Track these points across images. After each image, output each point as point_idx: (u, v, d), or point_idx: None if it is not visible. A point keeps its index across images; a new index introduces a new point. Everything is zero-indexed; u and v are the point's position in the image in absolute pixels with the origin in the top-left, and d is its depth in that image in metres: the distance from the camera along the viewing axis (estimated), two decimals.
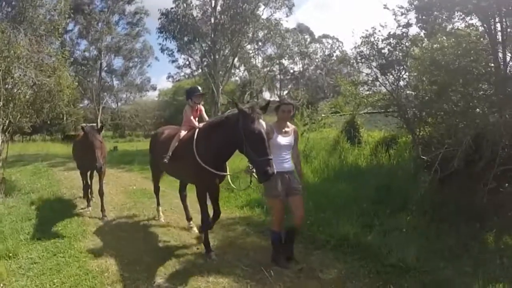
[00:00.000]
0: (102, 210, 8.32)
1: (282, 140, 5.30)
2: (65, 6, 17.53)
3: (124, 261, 5.66)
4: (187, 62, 34.22)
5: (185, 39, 29.21)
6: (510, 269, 4.86)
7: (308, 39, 55.38)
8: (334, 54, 55.93)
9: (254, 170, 5.01)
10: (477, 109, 7.77)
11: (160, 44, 32.25)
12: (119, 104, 55.47)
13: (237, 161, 7.90)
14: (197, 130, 6.13)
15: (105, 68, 46.73)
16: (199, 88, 7.29)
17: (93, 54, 44.27)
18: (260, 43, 34.01)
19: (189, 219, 7.44)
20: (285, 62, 44.37)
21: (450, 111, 8.08)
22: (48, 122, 14.09)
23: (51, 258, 5.78)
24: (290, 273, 4.87)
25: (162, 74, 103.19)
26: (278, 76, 53.62)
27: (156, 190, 8.31)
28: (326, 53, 57.37)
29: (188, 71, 37.92)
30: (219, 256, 5.72)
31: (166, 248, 6.27)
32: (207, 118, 6.89)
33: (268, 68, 38.91)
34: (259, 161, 4.76)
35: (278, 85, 56.48)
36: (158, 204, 8.23)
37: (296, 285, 4.69)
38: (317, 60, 56.22)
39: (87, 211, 8.72)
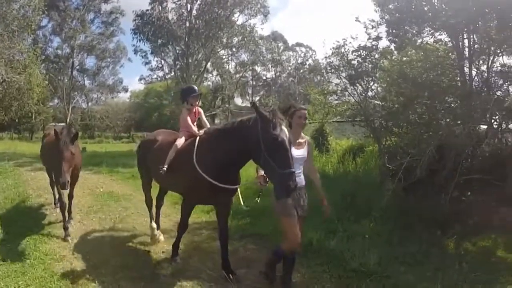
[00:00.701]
0: (69, 211, 7.61)
1: (296, 152, 4.61)
2: (40, 3, 17.13)
3: (90, 264, 5.62)
4: (160, 65, 34.06)
5: (159, 41, 29.06)
6: (469, 273, 5.04)
7: (282, 47, 55.92)
8: (307, 63, 56.72)
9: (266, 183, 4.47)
10: (441, 121, 8.03)
11: (134, 45, 32.02)
12: (89, 104, 54.46)
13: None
14: (197, 138, 5.42)
15: (77, 67, 45.79)
16: (195, 87, 6.33)
17: (65, 52, 43.38)
18: (234, 49, 34.07)
19: (158, 227, 6.98)
20: (258, 68, 44.70)
21: (415, 122, 8.34)
22: (16, 120, 13.78)
23: (16, 260, 5.64)
24: (253, 277, 4.92)
25: (135, 76, 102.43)
26: (251, 82, 53.86)
27: (149, 202, 7.13)
28: (299, 61, 58.03)
29: (160, 73, 37.71)
30: (185, 260, 5.73)
31: (132, 252, 6.24)
32: (207, 123, 6.12)
33: (241, 74, 39.06)
34: (281, 174, 4.10)
35: (250, 91, 56.74)
36: (152, 219, 6.94)
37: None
38: (289, 67, 56.80)
39: (67, 239, 6.93)
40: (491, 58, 9.55)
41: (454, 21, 8.65)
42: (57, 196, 8.36)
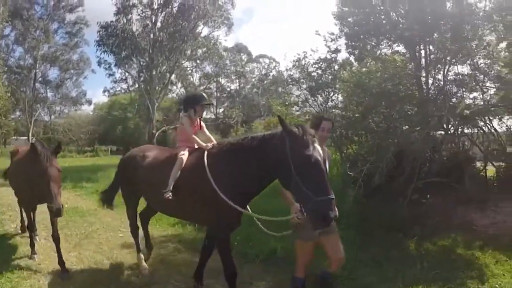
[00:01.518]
0: (61, 263, 5.84)
1: None
2: (4, 12, 16.71)
3: (57, 280, 5.56)
4: (124, 77, 33.79)
5: (123, 53, 28.83)
6: (429, 271, 5.30)
7: (246, 59, 56.35)
8: (271, 74, 57.12)
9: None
10: (399, 128, 8.37)
11: (98, 57, 31.60)
12: (52, 117, 53.21)
13: None
14: (205, 152, 4.60)
15: (40, 79, 45.05)
16: (205, 95, 5.47)
17: (28, 62, 42.80)
18: (198, 61, 34.15)
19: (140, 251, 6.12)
20: (222, 80, 44.82)
21: (374, 130, 8.65)
22: None
23: None
24: (221, 287, 4.97)
25: (98, 88, 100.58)
26: (215, 93, 53.91)
27: (135, 230, 6.21)
28: (263, 72, 58.43)
29: (124, 85, 37.38)
30: (151, 273, 5.74)
31: (99, 266, 6.19)
32: (211, 137, 5.22)
33: (205, 86, 39.10)
34: (318, 202, 3.49)
35: (214, 102, 56.80)
36: (139, 250, 6.10)
37: None
38: (253, 79, 57.21)
39: (33, 258, 6.48)
40: (447, 67, 10.05)
41: (409, 33, 9.07)
42: (25, 222, 7.33)
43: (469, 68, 9.64)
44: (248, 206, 4.60)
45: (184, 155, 4.85)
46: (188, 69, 37.27)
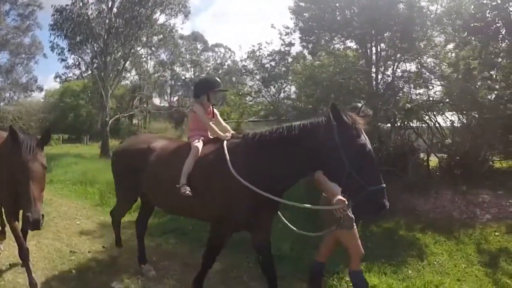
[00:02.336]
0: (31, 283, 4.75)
1: None
2: None
3: (18, 268, 5.55)
4: (77, 63, 32.77)
5: (77, 38, 28.04)
6: (374, 250, 5.79)
7: (201, 47, 55.96)
8: (226, 63, 56.96)
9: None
10: None
11: (51, 41, 30.46)
12: (1, 104, 50.89)
13: None
14: (224, 143, 4.26)
15: None
16: (218, 80, 5.01)
17: None
18: (153, 48, 33.66)
19: (144, 261, 5.58)
20: (177, 68, 44.27)
21: None
22: None
23: None
24: (178, 268, 5.21)
25: (50, 74, 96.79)
26: (170, 82, 53.26)
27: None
28: (218, 61, 58.21)
29: (77, 71, 36.26)
30: (112, 257, 5.93)
31: (59, 254, 6.25)
32: (227, 126, 4.83)
33: (160, 74, 38.53)
34: (373, 192, 3.42)
35: (168, 91, 56.17)
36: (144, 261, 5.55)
37: (183, 278, 5.05)
38: (208, 68, 56.89)
39: None
40: (396, 64, 10.65)
41: (360, 31, 9.53)
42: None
43: (416, 66, 10.29)
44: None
45: (199, 144, 4.44)
46: (143, 56, 36.67)
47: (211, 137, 4.67)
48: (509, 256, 6.26)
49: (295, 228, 4.39)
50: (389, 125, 9.82)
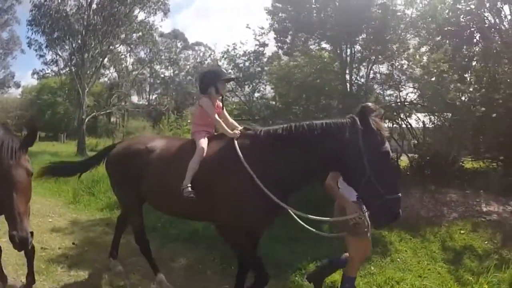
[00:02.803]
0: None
1: None
2: None
3: None
4: (55, 59, 32.33)
5: (55, 34, 27.70)
6: (339, 248, 5.77)
7: (181, 45, 55.72)
8: (206, 62, 56.55)
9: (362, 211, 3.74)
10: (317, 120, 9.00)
11: (28, 37, 30.00)
12: None
13: None
14: (235, 141, 3.94)
15: None
16: (224, 70, 4.50)
17: None
18: (132, 46, 33.37)
19: (115, 256, 5.34)
20: (157, 66, 44.03)
21: (293, 120, 9.21)
22: None
23: None
24: (144, 264, 5.22)
25: (27, 70, 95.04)
26: (149, 79, 52.88)
27: (145, 244, 4.95)
28: (198, 60, 57.84)
29: (56, 68, 35.75)
30: (80, 254, 5.98)
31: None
32: (234, 122, 4.47)
33: (139, 71, 38.23)
34: (389, 200, 3.36)
35: (147, 89, 55.77)
36: (157, 270, 4.88)
37: (148, 273, 5.07)
38: (188, 66, 56.65)
39: None
40: (370, 66, 10.83)
41: (331, 33, 9.69)
42: None
43: (389, 68, 10.49)
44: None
45: (204, 141, 4.11)
46: (122, 54, 36.39)
47: (216, 133, 4.39)
48: (473, 253, 6.43)
49: (312, 229, 4.20)
50: None
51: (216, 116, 4.26)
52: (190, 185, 3.87)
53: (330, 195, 4.23)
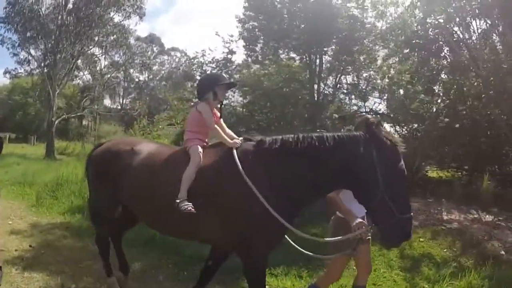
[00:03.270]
0: None
1: None
2: None
3: None
4: (28, 59, 31.67)
5: (28, 34, 27.21)
6: (294, 255, 5.60)
7: (157, 50, 55.37)
8: (181, 68, 56.13)
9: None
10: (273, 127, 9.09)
11: (1, 35, 29.34)
12: None
13: None
14: (234, 152, 3.58)
15: None
16: (224, 75, 4.36)
17: None
18: (105, 49, 32.98)
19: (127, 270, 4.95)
20: (132, 70, 43.60)
21: (255, 128, 9.30)
22: None
23: None
24: (98, 267, 5.19)
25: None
26: (123, 83, 52.30)
27: (105, 249, 4.77)
28: (174, 66, 57.57)
29: (28, 68, 34.97)
30: (36, 256, 5.93)
31: None
32: (231, 133, 4.04)
33: (112, 75, 37.77)
34: (401, 220, 3.17)
35: (121, 93, 55.18)
36: (110, 272, 4.78)
37: (100, 277, 5.05)
38: (163, 71, 56.33)
39: None
40: (338, 76, 11.03)
41: (298, 42, 9.85)
42: None
43: (354, 79, 10.73)
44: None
45: (199, 152, 3.70)
46: (95, 56, 35.82)
47: (211, 143, 4.05)
48: (431, 261, 6.47)
49: (304, 250, 4.00)
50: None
51: (214, 123, 3.88)
52: (186, 198, 3.48)
53: (330, 209, 4.01)
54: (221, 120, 4.11)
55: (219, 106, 4.14)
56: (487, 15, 12.01)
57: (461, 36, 12.82)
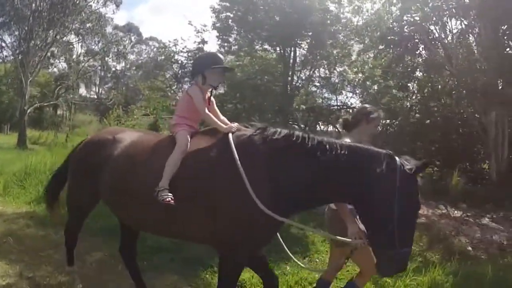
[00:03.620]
0: None
1: None
2: None
3: None
4: (1, 46, 30.86)
5: (1, 19, 26.56)
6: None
7: (135, 39, 54.63)
8: (159, 58, 55.13)
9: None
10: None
11: None
12: None
13: None
14: (230, 136, 3.26)
15: None
16: (220, 56, 3.87)
17: None
18: (80, 37, 32.35)
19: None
20: (108, 59, 42.88)
21: (228, 119, 9.38)
22: None
23: None
24: (59, 257, 5.16)
25: None
26: (99, 72, 51.40)
27: (72, 242, 4.46)
28: (151, 55, 56.67)
29: (2, 55, 34.03)
30: None
31: None
32: (225, 119, 3.69)
33: (85, 63, 37.02)
34: (399, 253, 2.92)
35: (97, 82, 54.31)
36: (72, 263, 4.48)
37: (59, 266, 4.99)
38: (140, 61, 55.49)
39: None
40: (312, 70, 11.07)
41: (270, 34, 9.84)
42: None
43: (325, 72, 10.78)
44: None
45: (184, 136, 3.41)
46: (71, 44, 35.03)
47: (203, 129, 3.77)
48: None
49: (303, 265, 3.94)
50: (302, 125, 10.17)
51: (206, 109, 3.55)
52: (167, 188, 3.15)
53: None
54: (215, 106, 3.77)
55: (210, 90, 3.72)
56: (464, 15, 12.22)
57: (436, 35, 13.03)
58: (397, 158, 2.96)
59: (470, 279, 5.22)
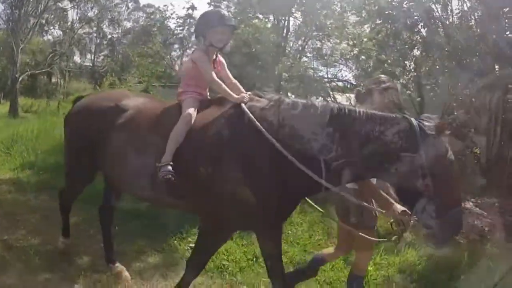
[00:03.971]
0: None
1: None
2: None
3: None
4: None
5: None
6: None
7: (132, 7, 53.74)
8: (156, 25, 54.34)
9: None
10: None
11: None
12: None
13: None
14: (244, 107, 2.98)
15: None
16: (225, 14, 3.52)
17: None
18: (74, 2, 31.72)
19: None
20: (103, 26, 42.15)
21: None
22: None
23: None
24: (35, 221, 5.22)
25: None
26: (95, 39, 50.63)
27: (65, 210, 4.44)
28: (148, 22, 55.72)
29: None
30: None
31: None
32: (237, 83, 3.42)
33: (78, 29, 36.37)
34: (451, 215, 2.70)
35: (93, 49, 53.53)
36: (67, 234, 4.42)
37: (33, 230, 5.02)
38: (137, 28, 54.69)
39: None
40: (306, 41, 10.88)
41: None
42: None
43: (320, 44, 10.61)
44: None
45: (192, 107, 3.15)
46: (65, 10, 34.35)
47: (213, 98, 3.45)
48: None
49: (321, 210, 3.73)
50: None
51: (213, 74, 3.24)
52: (170, 163, 2.93)
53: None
54: (225, 66, 3.49)
55: (216, 53, 3.41)
56: None
57: (437, 14, 12.76)
58: (413, 120, 2.76)
59: (443, 263, 4.99)
